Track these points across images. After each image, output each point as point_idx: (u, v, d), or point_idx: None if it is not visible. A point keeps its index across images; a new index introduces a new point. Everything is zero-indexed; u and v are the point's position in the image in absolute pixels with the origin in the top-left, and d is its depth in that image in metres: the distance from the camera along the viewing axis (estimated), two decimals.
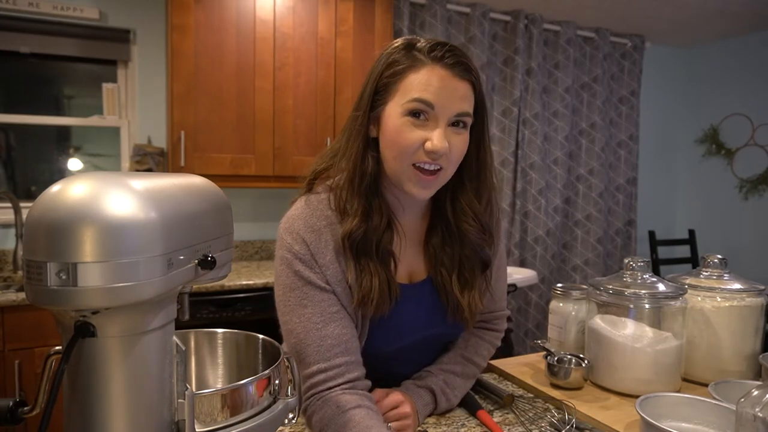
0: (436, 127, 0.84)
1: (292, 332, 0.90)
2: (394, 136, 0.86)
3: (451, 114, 0.85)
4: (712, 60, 4.16)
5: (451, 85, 0.85)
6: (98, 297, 0.45)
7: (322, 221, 0.92)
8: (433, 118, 0.85)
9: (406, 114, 0.85)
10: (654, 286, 1.12)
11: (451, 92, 0.84)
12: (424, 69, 0.84)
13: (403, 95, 0.85)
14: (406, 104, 0.84)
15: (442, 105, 0.84)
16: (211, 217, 0.60)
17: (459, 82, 0.85)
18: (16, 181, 2.78)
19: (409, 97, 0.84)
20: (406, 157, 0.86)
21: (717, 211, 4.11)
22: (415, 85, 0.84)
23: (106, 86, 2.77)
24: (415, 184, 0.87)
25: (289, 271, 0.91)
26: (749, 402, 0.74)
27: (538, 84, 3.50)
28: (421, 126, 0.85)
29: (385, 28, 2.90)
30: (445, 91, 0.84)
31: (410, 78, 0.85)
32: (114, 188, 0.47)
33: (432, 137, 0.84)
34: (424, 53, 0.85)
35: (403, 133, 0.85)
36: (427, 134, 0.84)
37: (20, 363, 2.02)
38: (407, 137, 0.85)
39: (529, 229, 3.57)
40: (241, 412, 0.61)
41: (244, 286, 2.35)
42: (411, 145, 0.85)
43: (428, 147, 0.84)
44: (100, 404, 0.49)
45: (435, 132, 0.84)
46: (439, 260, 0.98)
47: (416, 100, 0.84)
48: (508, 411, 1.04)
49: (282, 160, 2.71)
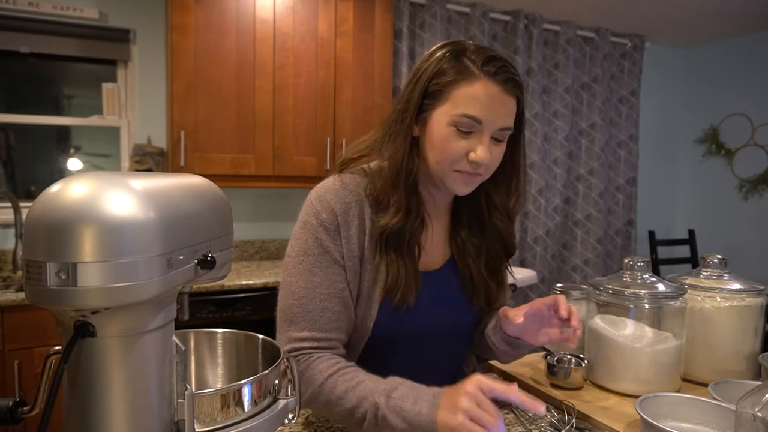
0: (481, 139, 0.88)
1: (294, 293, 0.91)
2: (439, 143, 0.89)
3: (495, 128, 0.89)
4: (712, 60, 4.16)
5: (500, 101, 0.87)
6: (98, 297, 0.45)
7: (353, 197, 0.94)
8: (479, 131, 0.88)
9: (453, 124, 0.88)
10: (654, 286, 1.12)
11: (499, 108, 0.87)
12: (478, 84, 0.86)
13: (453, 106, 0.87)
14: (456, 117, 0.87)
15: (490, 121, 0.87)
16: (211, 217, 0.60)
17: (507, 97, 0.88)
18: (16, 181, 2.78)
19: (459, 111, 0.87)
20: (449, 164, 0.90)
21: (717, 211, 4.11)
22: (467, 100, 0.86)
23: (106, 86, 2.77)
24: (458, 183, 0.92)
25: (309, 237, 0.92)
26: (749, 402, 0.74)
27: (538, 84, 3.50)
28: (465, 137, 0.88)
29: (385, 28, 2.90)
30: (494, 108, 0.87)
31: (462, 90, 0.87)
32: (114, 188, 0.47)
33: (476, 149, 0.88)
34: (477, 66, 0.87)
35: (450, 143, 0.88)
36: (471, 145, 0.88)
37: (20, 363, 2.01)
38: (453, 147, 0.89)
39: (529, 229, 3.57)
40: (241, 412, 0.61)
41: (244, 286, 2.35)
42: (456, 154, 0.89)
43: (472, 158, 0.88)
44: (100, 404, 0.49)
45: (480, 145, 0.88)
46: (466, 250, 1.02)
47: (466, 116, 0.86)
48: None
49: (282, 160, 2.71)
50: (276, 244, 3.12)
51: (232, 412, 0.60)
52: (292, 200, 3.16)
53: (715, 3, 3.32)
